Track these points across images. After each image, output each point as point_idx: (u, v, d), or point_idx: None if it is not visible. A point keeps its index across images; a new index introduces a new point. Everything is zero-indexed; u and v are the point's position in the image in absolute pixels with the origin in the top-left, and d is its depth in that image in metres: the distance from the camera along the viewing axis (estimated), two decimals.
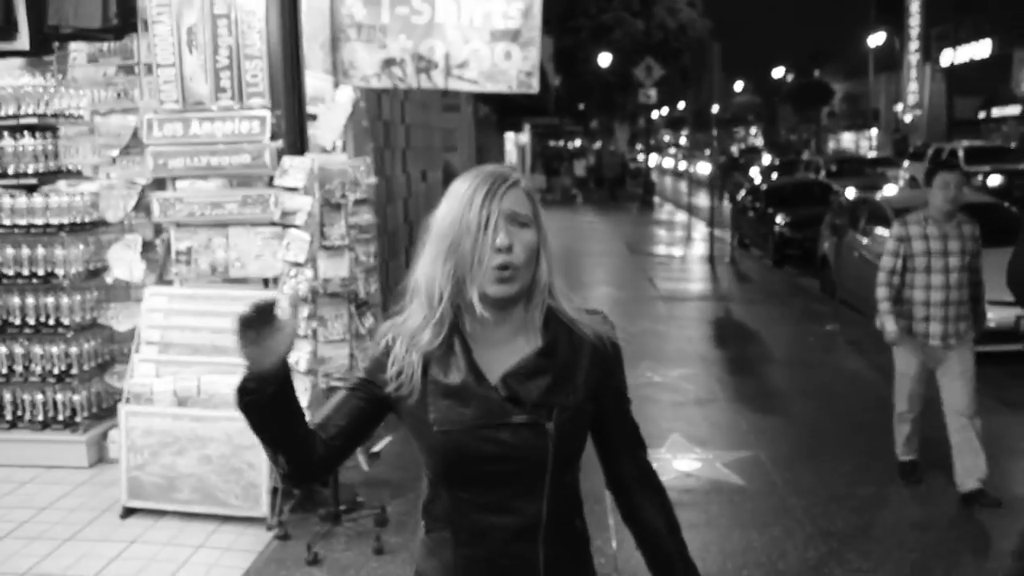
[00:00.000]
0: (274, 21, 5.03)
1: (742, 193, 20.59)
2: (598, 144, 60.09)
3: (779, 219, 16.39)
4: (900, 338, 5.35)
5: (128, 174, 5.94)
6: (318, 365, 4.84)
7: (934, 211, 5.27)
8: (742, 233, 18.67)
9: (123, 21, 5.67)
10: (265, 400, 1.76)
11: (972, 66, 46.29)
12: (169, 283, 5.38)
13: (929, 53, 50.93)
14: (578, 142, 59.37)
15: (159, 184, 5.45)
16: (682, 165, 52.52)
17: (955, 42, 47.87)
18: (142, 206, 5.86)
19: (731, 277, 14.69)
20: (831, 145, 62.35)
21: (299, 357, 4.69)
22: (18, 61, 6.33)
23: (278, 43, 5.04)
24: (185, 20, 5.08)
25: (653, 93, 27.87)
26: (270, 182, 5.09)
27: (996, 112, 42.84)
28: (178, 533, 4.93)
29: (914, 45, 51.46)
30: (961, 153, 26.99)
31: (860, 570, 4.51)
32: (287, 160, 4.93)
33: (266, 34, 5.01)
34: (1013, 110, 41.19)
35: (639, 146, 59.10)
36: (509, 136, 26.84)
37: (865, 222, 11.18)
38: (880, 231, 10.24)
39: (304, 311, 4.68)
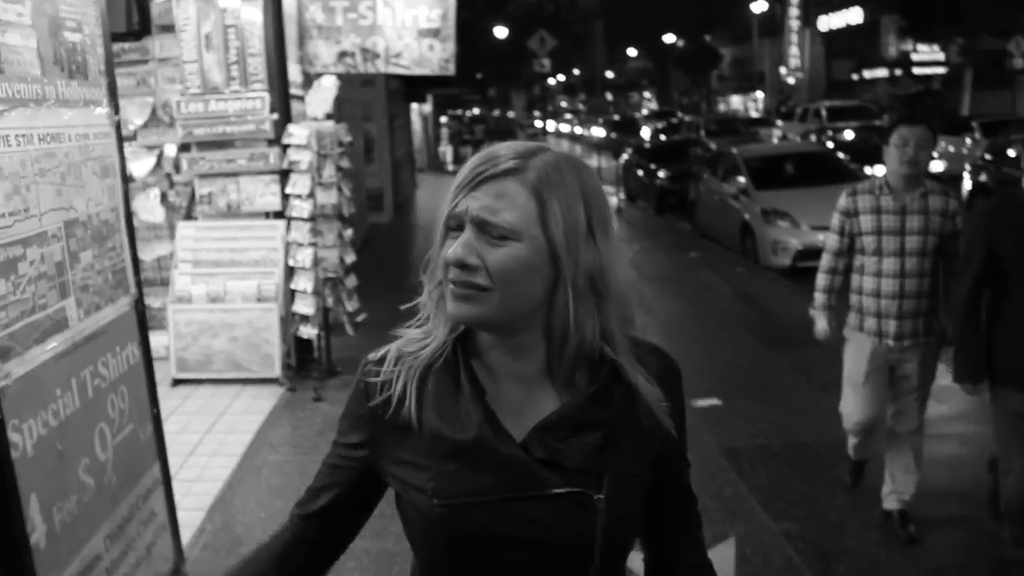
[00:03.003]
0: (269, 29, 7.01)
1: (627, 153, 22.88)
2: (496, 112, 62.24)
3: (661, 174, 18.46)
4: (849, 334, 4.40)
5: (148, 141, 7.85)
6: (317, 263, 6.93)
7: (891, 177, 4.12)
8: (630, 188, 20.50)
9: (142, 27, 7.55)
10: None
11: (847, 31, 49.47)
12: (195, 219, 7.39)
13: (808, 18, 54.04)
14: (476, 110, 61.39)
15: (182, 147, 7.43)
16: (578, 130, 55.04)
17: (830, 8, 50.99)
18: (159, 166, 7.82)
19: (617, 222, 16.97)
20: (721, 107, 65.42)
21: (304, 256, 6.78)
22: None
23: (272, 44, 7.02)
24: (203, 28, 7.03)
25: (547, 63, 29.73)
26: (269, 143, 7.12)
27: (867, 74, 46.17)
28: (216, 392, 6.96)
29: (794, 11, 54.15)
30: (824, 112, 29.81)
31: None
32: (292, 127, 6.94)
33: (263, 38, 7.01)
34: (882, 72, 44.66)
35: (536, 112, 61.45)
36: (414, 107, 28.55)
37: (723, 170, 13.61)
38: (739, 179, 12.65)
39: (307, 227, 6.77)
